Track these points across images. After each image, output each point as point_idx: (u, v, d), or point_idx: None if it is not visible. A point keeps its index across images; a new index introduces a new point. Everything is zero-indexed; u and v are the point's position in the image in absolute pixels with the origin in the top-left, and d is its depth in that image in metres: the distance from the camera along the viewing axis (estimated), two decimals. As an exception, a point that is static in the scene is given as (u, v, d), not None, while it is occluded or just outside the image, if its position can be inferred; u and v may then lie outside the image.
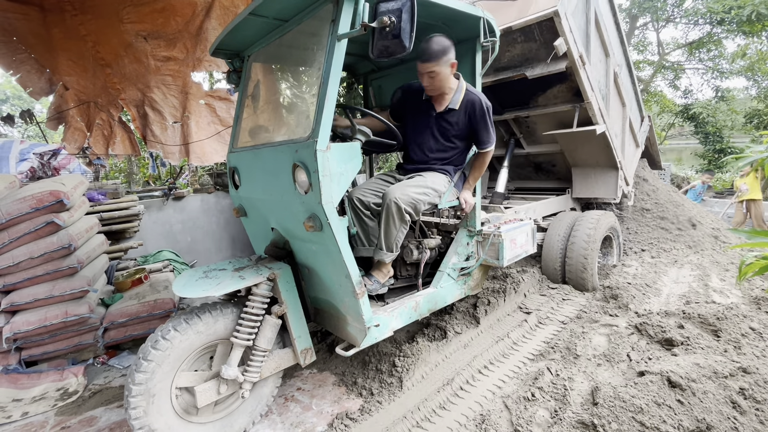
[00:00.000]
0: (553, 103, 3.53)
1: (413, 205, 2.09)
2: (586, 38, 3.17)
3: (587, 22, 3.14)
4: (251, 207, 2.32)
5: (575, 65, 2.92)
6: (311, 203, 1.69)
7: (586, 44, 3.16)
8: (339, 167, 1.69)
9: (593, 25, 3.14)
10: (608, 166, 3.80)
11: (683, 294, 3.09)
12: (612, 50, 3.48)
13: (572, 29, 2.86)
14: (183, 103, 4.38)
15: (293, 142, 1.78)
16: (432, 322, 2.86)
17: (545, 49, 2.83)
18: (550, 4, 2.74)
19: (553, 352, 2.44)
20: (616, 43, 3.62)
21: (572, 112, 3.41)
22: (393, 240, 2.11)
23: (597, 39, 3.28)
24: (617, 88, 3.74)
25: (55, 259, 2.54)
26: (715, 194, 11.50)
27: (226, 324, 1.86)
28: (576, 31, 2.95)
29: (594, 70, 3.25)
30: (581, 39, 3.09)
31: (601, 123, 3.38)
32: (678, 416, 1.78)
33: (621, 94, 3.82)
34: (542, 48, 2.88)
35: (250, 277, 1.86)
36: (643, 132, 4.42)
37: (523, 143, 4.25)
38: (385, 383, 2.27)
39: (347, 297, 1.88)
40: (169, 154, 4.42)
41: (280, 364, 2.01)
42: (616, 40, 3.64)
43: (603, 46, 3.37)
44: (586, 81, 3.14)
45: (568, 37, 2.81)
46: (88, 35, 3.85)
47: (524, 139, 4.19)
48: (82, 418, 2.16)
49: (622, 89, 3.79)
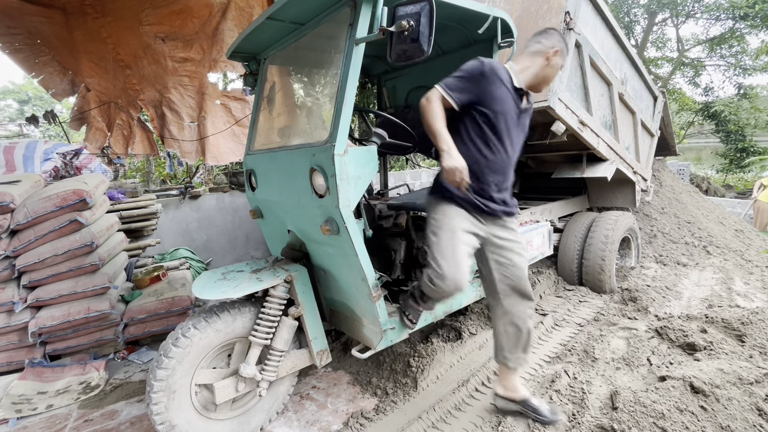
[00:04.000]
0: (558, 147, 3.30)
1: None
2: (584, 92, 2.93)
3: (583, 75, 2.87)
4: (268, 209, 2.35)
5: (576, 132, 2.79)
6: (328, 207, 1.70)
7: (585, 99, 2.94)
8: (356, 171, 1.69)
9: (589, 69, 2.88)
10: (624, 179, 3.70)
11: (705, 297, 3.02)
12: (613, 76, 3.21)
13: (568, 105, 2.67)
14: (199, 104, 4.45)
15: (310, 145, 1.79)
16: (446, 323, 2.86)
17: (542, 115, 2.61)
18: (541, 96, 2.49)
19: (570, 355, 2.42)
20: (617, 59, 3.31)
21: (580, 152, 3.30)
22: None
23: (595, 78, 3.03)
24: (624, 104, 3.52)
25: (77, 257, 2.61)
26: (736, 194, 11.19)
27: (245, 323, 1.89)
28: (573, 100, 2.75)
29: (597, 114, 3.06)
30: (579, 99, 2.88)
31: (611, 158, 3.26)
32: (701, 423, 1.74)
33: (629, 106, 3.59)
34: (539, 116, 2.63)
35: (268, 279, 1.89)
36: (656, 119, 4.20)
37: (532, 164, 4.16)
38: (400, 383, 2.27)
39: (363, 300, 1.89)
40: (186, 154, 4.50)
41: (296, 364, 2.03)
42: (618, 55, 3.33)
43: (603, 80, 3.13)
44: (590, 136, 2.97)
45: (565, 116, 2.63)
46: (109, 37, 3.93)
47: (532, 161, 4.09)
48: (104, 412, 2.22)
49: (630, 101, 3.56)
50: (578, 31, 2.57)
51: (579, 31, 2.58)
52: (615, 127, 3.30)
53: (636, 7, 13.60)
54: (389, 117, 2.24)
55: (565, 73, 2.53)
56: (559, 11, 2.52)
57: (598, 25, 2.94)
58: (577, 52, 2.69)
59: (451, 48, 2.66)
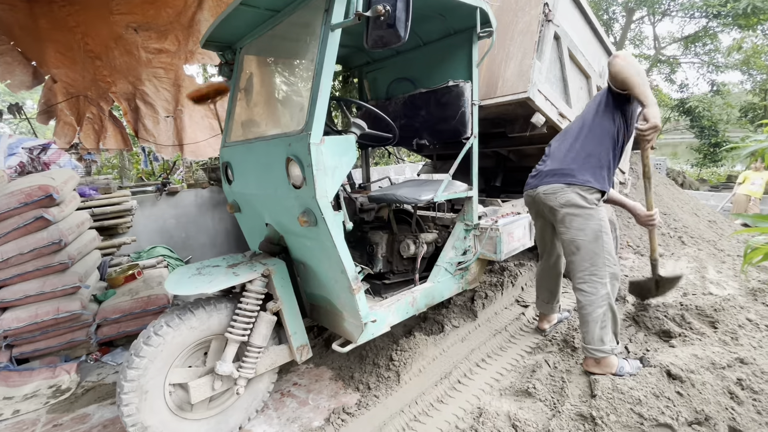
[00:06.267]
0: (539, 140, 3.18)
1: None
2: (563, 84, 2.91)
3: (562, 67, 2.85)
4: (245, 202, 2.29)
5: (556, 124, 2.78)
6: (305, 198, 1.65)
7: (564, 92, 2.92)
8: (333, 161, 1.66)
9: (568, 61, 2.86)
10: None
11: (680, 286, 3.09)
12: (591, 69, 3.21)
13: (548, 96, 2.65)
14: (176, 97, 4.31)
15: (286, 135, 1.74)
16: (429, 316, 2.85)
17: (522, 107, 2.60)
18: (521, 87, 2.49)
19: (551, 345, 2.44)
20: (595, 52, 3.32)
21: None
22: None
23: (574, 70, 3.01)
24: None
25: (45, 255, 2.49)
26: (710, 188, 11.57)
27: (221, 319, 1.84)
28: (552, 92, 2.72)
29: (576, 106, 3.05)
30: (558, 92, 2.85)
31: None
32: (677, 408, 1.77)
33: None
34: (518, 108, 2.65)
35: (244, 273, 1.83)
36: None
37: (513, 158, 4.14)
38: (383, 377, 2.25)
39: (343, 293, 1.85)
40: (161, 149, 4.35)
41: (275, 360, 1.99)
42: (596, 48, 3.35)
43: (582, 73, 3.14)
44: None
45: (544, 107, 2.61)
46: (77, 26, 3.77)
47: (514, 155, 4.05)
48: (75, 416, 2.13)
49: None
50: (557, 23, 2.58)
51: (558, 23, 2.59)
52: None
53: (615, 5, 13.86)
54: (370, 107, 2.21)
55: (544, 64, 2.54)
56: (539, 2, 2.52)
57: (577, 17, 2.96)
58: (556, 44, 2.70)
59: (431, 38, 2.63)
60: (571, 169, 2.09)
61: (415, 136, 2.69)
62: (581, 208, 2.02)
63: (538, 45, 2.51)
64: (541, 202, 2.17)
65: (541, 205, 2.19)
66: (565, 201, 2.05)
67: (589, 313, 2.02)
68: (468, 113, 2.36)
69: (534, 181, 2.24)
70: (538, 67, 2.48)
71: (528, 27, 2.55)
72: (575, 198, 2.02)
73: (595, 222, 2.01)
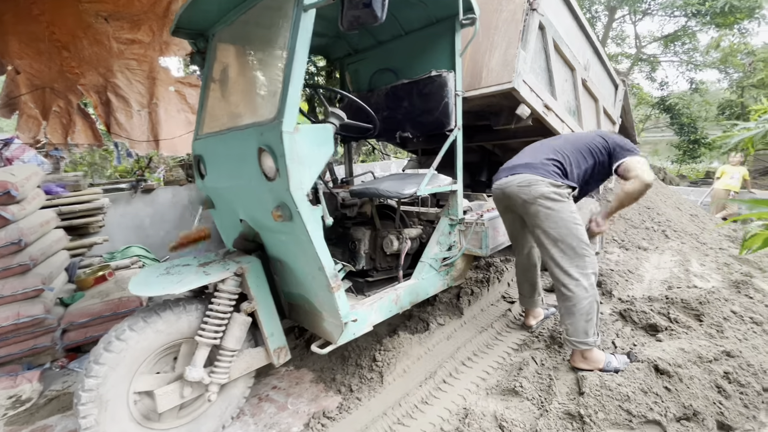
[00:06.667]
0: (523, 133, 3.11)
1: None
2: (548, 76, 2.84)
3: (547, 58, 2.78)
4: (219, 197, 2.17)
5: (541, 116, 2.73)
6: (279, 191, 1.55)
7: (549, 83, 2.85)
8: (309, 151, 1.56)
9: (553, 53, 2.79)
10: None
11: (665, 279, 3.09)
12: (576, 61, 3.15)
13: (533, 87, 2.59)
14: (150, 90, 4.13)
15: (259, 124, 1.64)
16: (414, 313, 2.77)
17: (507, 99, 2.53)
18: (505, 77, 2.42)
19: (538, 342, 2.39)
20: (580, 45, 3.26)
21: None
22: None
23: (559, 61, 2.95)
24: (587, 90, 3.47)
25: (4, 256, 2.32)
26: (690, 183, 11.82)
27: (191, 322, 1.72)
28: (538, 83, 2.67)
29: (561, 99, 3.00)
30: (544, 83, 2.78)
31: None
32: (665, 403, 1.74)
33: (592, 93, 3.55)
34: (503, 99, 2.57)
35: (216, 272, 1.72)
36: (618, 107, 4.24)
37: (498, 153, 4.09)
38: (365, 379, 2.17)
39: (321, 291, 1.76)
40: (135, 144, 4.17)
41: (251, 364, 1.88)
42: (581, 41, 3.28)
43: (567, 65, 3.07)
44: (555, 121, 2.91)
45: (529, 99, 2.55)
46: (42, 15, 3.55)
47: (498, 149, 3.99)
48: (35, 428, 1.98)
49: (593, 87, 3.51)
50: (542, 12, 2.52)
51: (542, 12, 2.53)
52: (579, 113, 3.30)
53: (597, 4, 14.02)
54: (349, 96, 2.11)
55: (529, 54, 2.48)
56: (523, -9, 2.45)
57: (561, 8, 2.92)
58: (541, 34, 2.64)
59: (412, 27, 2.55)
60: (543, 162, 2.09)
61: (398, 129, 2.60)
62: (554, 201, 1.99)
63: (523, 34, 2.45)
64: (513, 195, 2.11)
65: (513, 198, 2.12)
66: (539, 194, 2.00)
67: (574, 305, 1.98)
68: (451, 104, 2.28)
69: (504, 173, 2.21)
70: (522, 56, 2.41)
71: (513, 16, 2.49)
72: (548, 190, 1.99)
73: (568, 214, 1.99)
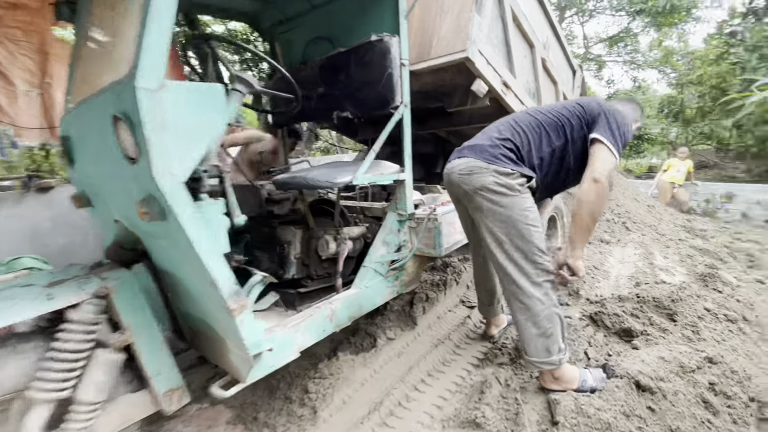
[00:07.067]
0: (480, 117, 2.79)
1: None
2: (506, 50, 2.56)
3: (505, 29, 2.50)
4: (92, 191, 1.64)
5: (500, 95, 2.42)
6: (142, 177, 1.08)
7: (507, 57, 2.57)
8: (186, 119, 1.10)
9: (511, 24, 2.52)
10: None
11: (632, 275, 2.90)
12: (536, 37, 2.89)
13: (490, 60, 2.28)
14: (42, 66, 3.41)
15: (116, 84, 1.15)
16: (361, 326, 2.36)
17: (461, 74, 2.22)
18: (458, 45, 2.10)
19: (501, 355, 2.06)
20: (539, 21, 3.03)
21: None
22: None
23: (518, 35, 2.68)
24: (547, 72, 3.24)
25: None
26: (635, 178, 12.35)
27: (25, 368, 1.20)
28: (495, 56, 2.36)
29: (521, 78, 2.74)
30: (502, 57, 2.50)
31: None
32: (650, 428, 1.46)
33: (551, 75, 3.33)
34: (457, 75, 2.27)
35: (63, 295, 1.22)
36: (576, 93, 4.05)
37: (453, 140, 3.76)
38: (295, 416, 1.73)
39: (220, 314, 1.30)
40: (23, 132, 3.42)
41: (130, 415, 1.39)
42: (540, 17, 3.05)
43: (526, 40, 2.79)
44: (514, 102, 2.63)
45: (486, 73, 2.24)
46: None
47: (453, 136, 3.66)
48: None
49: (552, 69, 3.30)
50: (498, -25, 2.20)
51: (499, -25, 2.21)
52: (538, 95, 3.04)
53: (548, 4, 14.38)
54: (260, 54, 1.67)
55: (485, 21, 2.14)
56: (476, -49, 2.10)
57: None
58: (498, 0, 2.32)
59: (350, -15, 2.13)
60: (492, 143, 1.66)
61: (335, 108, 2.17)
62: (500, 194, 1.58)
63: None
64: (455, 183, 1.70)
65: (456, 187, 1.71)
66: (479, 185, 1.59)
67: (527, 320, 1.61)
68: (396, 75, 1.89)
69: (453, 155, 1.78)
70: (477, 22, 2.06)
71: (466, -25, 2.13)
72: (491, 180, 1.58)
73: (518, 212, 1.58)
